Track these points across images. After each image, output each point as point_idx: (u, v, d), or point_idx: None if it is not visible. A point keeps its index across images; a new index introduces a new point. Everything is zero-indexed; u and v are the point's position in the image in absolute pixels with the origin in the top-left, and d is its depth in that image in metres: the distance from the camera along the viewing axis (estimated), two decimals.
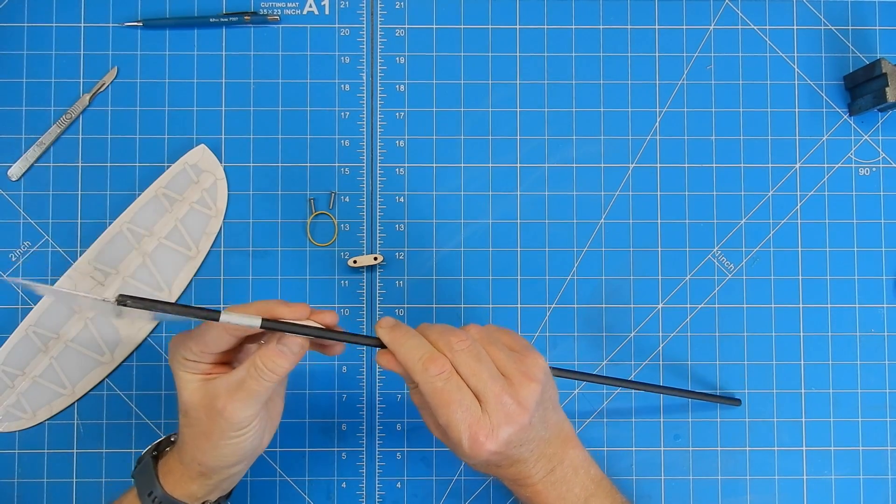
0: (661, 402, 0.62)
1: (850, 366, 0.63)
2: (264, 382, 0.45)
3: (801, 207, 0.63)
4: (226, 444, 0.46)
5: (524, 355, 0.48)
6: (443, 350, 0.46)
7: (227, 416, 0.45)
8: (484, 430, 0.45)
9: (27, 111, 0.63)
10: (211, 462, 0.47)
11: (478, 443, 0.45)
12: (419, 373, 0.46)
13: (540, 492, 0.50)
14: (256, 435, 0.47)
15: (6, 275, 0.62)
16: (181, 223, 0.61)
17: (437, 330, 0.47)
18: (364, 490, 0.62)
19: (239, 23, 0.63)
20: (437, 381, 0.45)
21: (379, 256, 0.62)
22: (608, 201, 0.63)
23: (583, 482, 0.51)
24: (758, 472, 0.62)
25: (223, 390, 0.45)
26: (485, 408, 0.45)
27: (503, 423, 0.45)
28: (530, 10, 0.64)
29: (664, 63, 0.64)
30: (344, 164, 0.63)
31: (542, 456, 0.49)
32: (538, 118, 0.64)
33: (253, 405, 0.45)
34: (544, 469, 0.50)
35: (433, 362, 0.45)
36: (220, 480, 0.49)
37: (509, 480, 0.51)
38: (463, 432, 0.45)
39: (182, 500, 0.49)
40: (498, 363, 0.47)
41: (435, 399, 0.45)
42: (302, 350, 0.46)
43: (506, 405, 0.45)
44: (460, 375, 0.46)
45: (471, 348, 0.46)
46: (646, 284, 0.63)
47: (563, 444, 0.50)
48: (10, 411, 0.60)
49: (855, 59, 0.64)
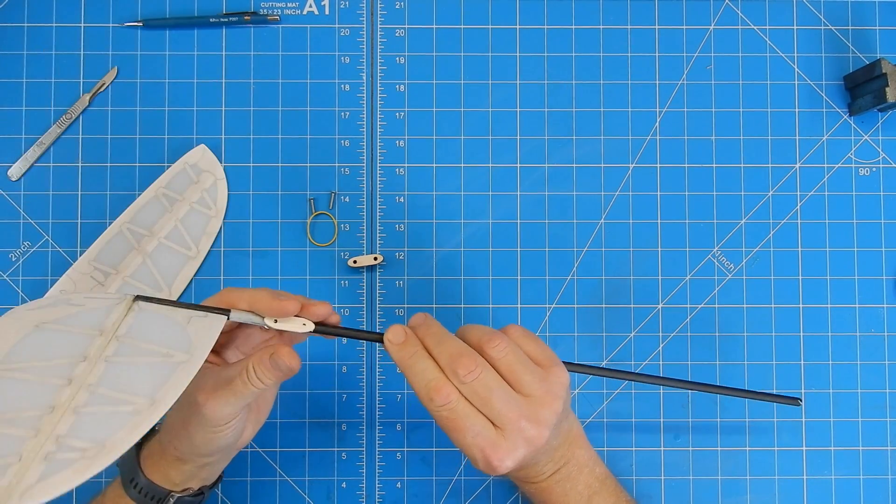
0: (661, 401, 0.62)
1: (850, 366, 0.63)
2: (251, 388, 0.44)
3: (801, 207, 0.63)
4: (201, 436, 0.46)
5: (548, 371, 0.47)
6: (452, 378, 0.45)
7: (205, 412, 0.44)
8: (498, 453, 0.44)
9: (27, 111, 0.63)
10: (186, 448, 0.47)
11: (491, 466, 0.45)
12: (425, 402, 0.45)
13: (545, 489, 0.51)
14: (234, 433, 0.46)
15: (6, 275, 0.62)
16: (181, 223, 0.61)
17: (448, 352, 0.45)
18: (364, 490, 0.62)
19: (239, 23, 0.63)
20: (442, 411, 0.45)
21: (379, 256, 0.62)
22: (608, 201, 0.63)
23: (587, 480, 0.51)
24: (758, 472, 0.62)
25: (209, 384, 0.45)
26: (502, 433, 0.45)
27: (520, 446, 0.45)
28: (530, 10, 0.64)
29: (664, 63, 0.64)
30: (344, 164, 0.63)
31: (551, 459, 0.50)
32: (538, 118, 0.64)
33: (234, 405, 0.45)
34: (551, 469, 0.50)
35: (438, 392, 0.45)
36: (196, 468, 0.48)
37: (515, 478, 0.52)
38: (476, 455, 0.45)
39: (162, 485, 0.48)
40: (521, 381, 0.46)
41: (445, 426, 0.45)
42: (291, 372, 0.44)
43: (524, 430, 0.45)
44: (472, 404, 0.45)
45: (483, 377, 0.45)
46: (646, 284, 0.63)
47: (571, 445, 0.51)
48: None
49: (855, 59, 0.64)
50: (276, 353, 0.44)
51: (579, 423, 0.52)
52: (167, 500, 0.48)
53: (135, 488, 0.48)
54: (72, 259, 0.62)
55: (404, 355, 0.46)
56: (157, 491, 0.48)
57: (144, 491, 0.48)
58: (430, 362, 0.46)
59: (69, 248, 0.62)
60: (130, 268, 0.61)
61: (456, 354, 0.45)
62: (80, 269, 0.61)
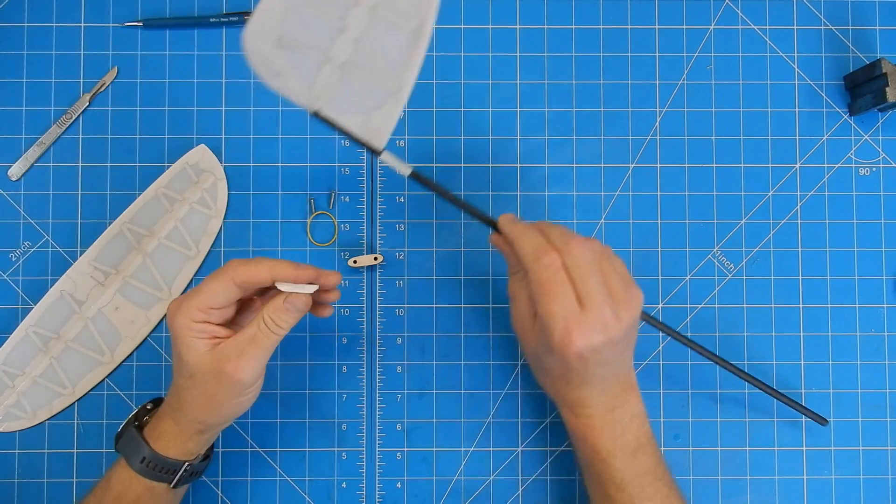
0: (662, 401, 0.62)
1: (850, 366, 0.63)
2: (273, 336, 0.49)
3: (801, 207, 0.63)
4: (231, 403, 0.50)
5: (629, 286, 0.49)
6: (559, 248, 0.47)
7: (238, 377, 0.48)
8: (579, 327, 0.46)
9: (27, 111, 0.63)
10: (212, 420, 0.51)
11: (569, 337, 0.46)
12: (531, 261, 0.48)
13: (595, 426, 0.51)
14: (257, 390, 0.51)
15: (6, 275, 0.62)
16: (181, 223, 0.61)
17: (559, 230, 0.49)
18: (364, 490, 0.62)
19: (239, 23, 0.63)
20: (545, 271, 0.47)
21: (379, 256, 0.62)
22: (608, 201, 0.63)
23: (636, 432, 0.52)
24: (758, 472, 0.62)
25: (233, 352, 0.48)
26: (585, 311, 0.47)
27: (598, 329, 0.47)
28: (530, 10, 0.64)
29: (664, 63, 0.64)
30: (344, 164, 0.63)
31: (608, 389, 0.51)
32: (538, 118, 0.64)
33: (261, 358, 0.49)
34: (605, 406, 0.51)
35: (546, 254, 0.47)
36: (213, 435, 0.53)
37: (568, 406, 0.52)
38: (558, 322, 0.46)
39: (177, 458, 0.52)
40: (608, 279, 0.48)
41: (540, 287, 0.47)
42: (306, 307, 0.50)
43: (604, 315, 0.47)
44: (569, 276, 0.47)
45: (585, 255, 0.47)
46: (646, 284, 0.63)
47: (627, 391, 0.52)
48: (10, 411, 0.60)
49: (855, 59, 0.64)
50: (289, 295, 0.49)
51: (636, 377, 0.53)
52: (180, 470, 0.52)
53: (142, 462, 0.51)
54: (72, 259, 0.62)
55: (518, 226, 0.50)
56: (170, 463, 0.51)
57: (153, 464, 0.51)
58: (541, 236, 0.49)
59: (69, 248, 0.62)
60: (130, 268, 0.61)
61: (568, 235, 0.48)
62: (80, 269, 0.61)
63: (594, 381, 0.50)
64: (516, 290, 0.52)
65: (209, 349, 0.49)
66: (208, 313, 0.49)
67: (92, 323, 0.61)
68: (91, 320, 0.61)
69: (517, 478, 0.62)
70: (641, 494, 0.51)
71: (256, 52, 0.49)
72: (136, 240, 0.61)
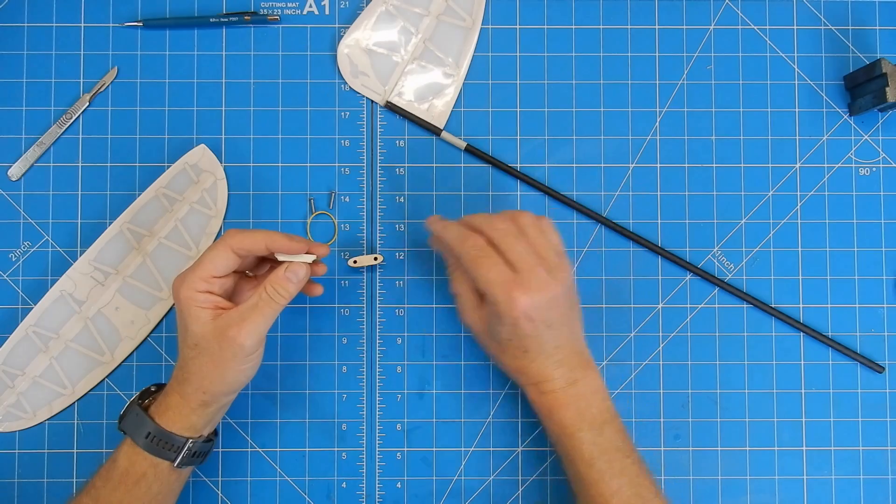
0: (662, 401, 0.62)
1: (851, 366, 0.63)
2: (275, 305, 0.51)
3: (801, 207, 0.63)
4: (233, 369, 0.51)
5: (561, 256, 0.53)
6: (484, 230, 0.52)
7: (240, 342, 0.50)
8: (519, 287, 0.50)
9: (27, 111, 0.63)
10: (216, 388, 0.52)
11: (511, 297, 0.50)
12: (459, 246, 0.52)
13: (560, 401, 0.53)
14: (258, 360, 0.53)
15: (6, 275, 0.62)
16: (181, 223, 0.61)
17: (481, 216, 0.54)
18: (364, 490, 0.62)
19: (239, 23, 0.63)
20: (472, 250, 0.52)
21: (379, 256, 0.62)
22: (608, 201, 0.63)
23: (600, 406, 0.53)
24: (758, 472, 0.62)
25: (235, 319, 0.51)
26: (519, 273, 0.50)
27: (536, 287, 0.50)
28: (530, 10, 0.64)
29: (664, 63, 0.64)
30: (344, 164, 0.63)
31: (565, 361, 0.53)
32: (538, 118, 0.64)
33: (263, 325, 0.51)
34: (565, 378, 0.53)
35: (469, 236, 0.52)
36: (217, 409, 0.54)
37: (533, 384, 0.54)
38: (498, 287, 0.50)
39: (181, 433, 0.52)
40: (536, 246, 0.52)
41: (472, 264, 0.51)
42: (306, 277, 0.53)
43: (539, 275, 0.50)
44: (497, 249, 0.51)
45: (508, 228, 0.52)
46: (646, 284, 0.63)
47: (584, 365, 0.54)
48: (10, 411, 0.60)
49: (855, 59, 0.64)
50: (290, 266, 0.52)
51: (590, 354, 0.55)
52: (183, 448, 0.52)
53: (147, 437, 0.52)
54: (72, 259, 0.62)
55: (444, 223, 0.55)
56: (174, 439, 0.52)
57: (157, 439, 0.52)
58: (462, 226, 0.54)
59: (69, 248, 0.62)
60: (130, 268, 0.61)
61: (491, 216, 0.53)
62: (80, 269, 0.61)
63: (549, 349, 0.52)
64: (458, 286, 0.55)
65: (213, 318, 0.51)
66: (210, 282, 0.51)
67: (92, 323, 0.61)
68: (91, 320, 0.61)
69: (517, 478, 0.62)
70: (611, 470, 0.52)
71: (348, 57, 0.62)
72: (136, 240, 0.61)
